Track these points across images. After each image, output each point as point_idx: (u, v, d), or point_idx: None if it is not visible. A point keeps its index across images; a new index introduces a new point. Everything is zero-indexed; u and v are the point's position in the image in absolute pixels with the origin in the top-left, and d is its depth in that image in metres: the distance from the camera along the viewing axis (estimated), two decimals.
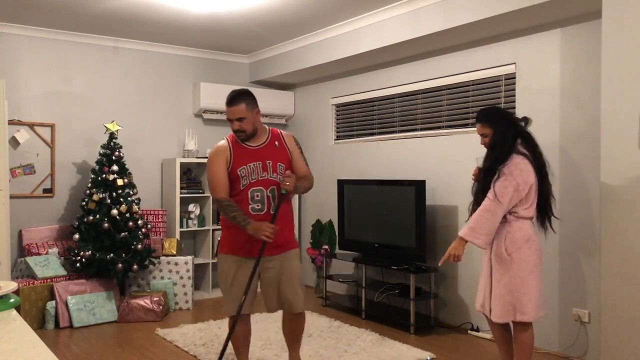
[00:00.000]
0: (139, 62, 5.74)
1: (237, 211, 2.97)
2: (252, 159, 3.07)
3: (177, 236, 5.53)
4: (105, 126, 5.05)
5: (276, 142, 3.16)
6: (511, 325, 3.18)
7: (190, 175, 5.83)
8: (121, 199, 4.87)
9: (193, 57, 6.04)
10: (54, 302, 4.55)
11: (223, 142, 3.18)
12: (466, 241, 3.00)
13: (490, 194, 2.95)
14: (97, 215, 4.75)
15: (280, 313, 4.98)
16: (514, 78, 4.22)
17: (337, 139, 6.03)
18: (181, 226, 5.62)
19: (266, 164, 3.07)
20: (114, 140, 5.01)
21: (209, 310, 5.18)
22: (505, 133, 3.03)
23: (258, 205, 3.05)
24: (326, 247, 5.79)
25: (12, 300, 1.83)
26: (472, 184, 3.34)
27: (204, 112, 6.00)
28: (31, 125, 5.17)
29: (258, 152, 3.11)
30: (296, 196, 6.29)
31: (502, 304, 3.01)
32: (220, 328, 4.48)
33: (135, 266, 4.84)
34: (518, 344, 3.07)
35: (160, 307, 4.79)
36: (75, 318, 4.57)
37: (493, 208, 2.93)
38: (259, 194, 3.05)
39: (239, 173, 3.04)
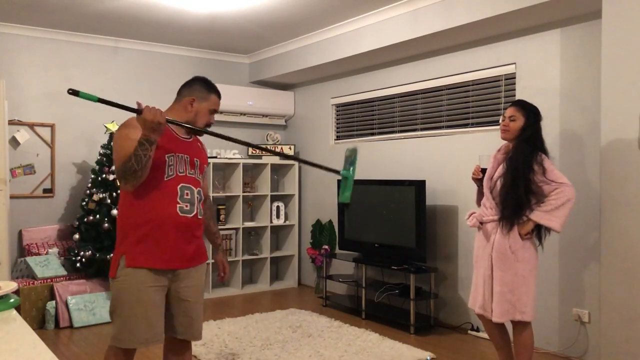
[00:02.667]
0: (139, 62, 5.74)
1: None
2: (181, 150, 2.46)
3: None
4: (105, 126, 5.05)
5: (199, 144, 2.64)
6: (508, 327, 3.18)
7: None
8: None
9: (193, 57, 6.05)
10: (54, 302, 4.55)
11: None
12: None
13: (563, 185, 2.92)
14: (97, 215, 4.76)
15: (279, 312, 5.01)
16: (514, 78, 4.22)
17: (337, 139, 6.03)
18: None
19: (194, 162, 2.50)
20: None
21: (209, 310, 5.17)
22: (538, 130, 3.04)
23: (187, 206, 2.41)
24: (326, 247, 5.79)
25: (12, 300, 1.83)
26: (473, 183, 3.34)
27: None
28: (31, 125, 5.17)
29: (187, 144, 2.51)
30: (296, 195, 6.30)
31: (502, 302, 3.00)
32: (220, 328, 4.49)
33: None
34: (518, 344, 3.07)
35: None
36: (75, 318, 4.57)
37: (565, 208, 2.94)
38: (189, 192, 2.42)
39: (166, 158, 2.38)
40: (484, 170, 3.19)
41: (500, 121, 3.14)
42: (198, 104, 2.52)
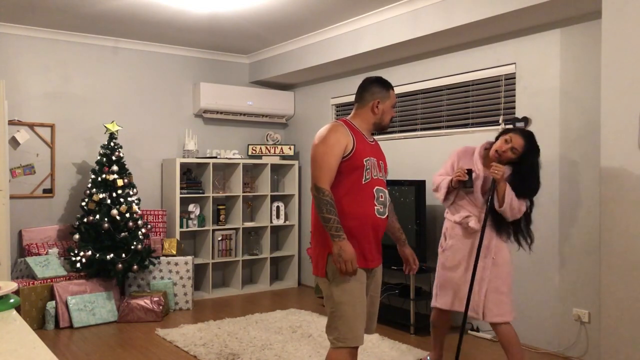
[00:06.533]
0: (139, 62, 5.74)
1: (335, 215, 2.40)
2: (371, 153, 2.58)
3: (177, 236, 5.53)
4: (105, 126, 5.04)
5: (379, 146, 2.74)
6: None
7: (190, 176, 5.83)
8: (121, 199, 4.87)
9: (193, 57, 6.05)
10: (54, 302, 4.55)
11: (340, 124, 2.55)
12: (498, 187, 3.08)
13: (523, 206, 3.10)
14: (97, 216, 4.75)
15: (279, 312, 5.01)
16: (514, 78, 4.22)
17: None
18: (181, 226, 5.62)
19: (380, 164, 2.61)
20: (114, 141, 5.01)
21: (209, 311, 5.18)
22: (537, 167, 3.13)
23: (382, 208, 2.56)
24: None
25: (12, 300, 1.83)
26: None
27: (204, 112, 6.01)
28: (31, 126, 5.17)
29: (373, 147, 2.63)
30: (296, 195, 6.30)
31: (498, 303, 3.10)
32: (220, 328, 4.49)
33: (135, 266, 4.83)
34: (508, 340, 3.11)
35: (160, 307, 4.79)
36: (75, 318, 4.57)
37: (518, 213, 3.09)
38: (382, 195, 2.57)
39: (364, 163, 2.51)
40: (469, 172, 3.14)
41: (497, 139, 3.16)
42: (382, 104, 2.63)
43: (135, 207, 4.91)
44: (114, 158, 4.95)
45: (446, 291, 3.27)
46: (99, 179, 4.87)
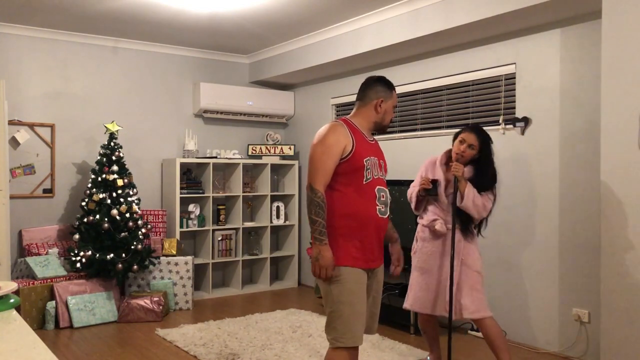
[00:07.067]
0: (139, 62, 5.74)
1: (323, 219, 2.39)
2: (371, 152, 2.55)
3: (177, 236, 5.53)
4: (105, 126, 5.04)
5: (379, 145, 2.71)
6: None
7: (190, 176, 5.83)
8: (121, 199, 4.87)
9: (193, 57, 6.04)
10: (54, 302, 4.55)
11: (340, 124, 2.52)
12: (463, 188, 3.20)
13: (488, 202, 3.22)
14: (97, 216, 4.75)
15: (279, 312, 5.01)
16: (514, 78, 4.22)
17: None
18: (181, 226, 5.62)
19: (380, 163, 2.60)
20: (114, 141, 5.01)
21: (209, 311, 5.18)
22: (491, 155, 3.28)
23: (383, 208, 2.54)
24: None
25: (12, 300, 1.83)
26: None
27: (204, 112, 6.00)
28: (31, 126, 5.17)
29: (373, 147, 2.61)
30: (296, 195, 6.30)
31: (475, 300, 3.21)
32: (220, 328, 4.49)
33: (135, 266, 4.83)
34: (494, 333, 3.17)
35: (160, 307, 4.79)
36: (75, 318, 4.57)
37: (483, 210, 3.22)
38: (384, 194, 2.55)
39: (365, 163, 2.48)
40: (434, 182, 3.28)
41: (455, 143, 3.28)
42: (385, 103, 2.62)
43: (135, 207, 4.91)
44: (114, 158, 4.95)
45: (417, 293, 3.36)
46: (99, 179, 4.87)
